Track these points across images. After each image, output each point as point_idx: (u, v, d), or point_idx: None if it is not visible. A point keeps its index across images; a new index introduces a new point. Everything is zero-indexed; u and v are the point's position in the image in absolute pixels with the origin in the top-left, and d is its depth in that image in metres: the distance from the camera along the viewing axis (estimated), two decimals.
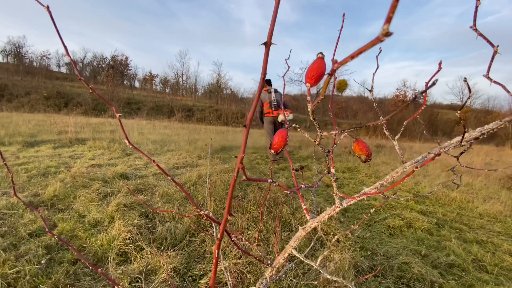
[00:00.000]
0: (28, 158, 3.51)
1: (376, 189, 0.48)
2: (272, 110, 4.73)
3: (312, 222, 0.52)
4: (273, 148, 0.32)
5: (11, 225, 1.83)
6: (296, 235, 0.54)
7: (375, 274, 1.56)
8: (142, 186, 2.72)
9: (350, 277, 1.40)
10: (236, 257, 1.55)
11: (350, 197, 0.48)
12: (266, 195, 1.28)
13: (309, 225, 0.52)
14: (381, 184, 0.49)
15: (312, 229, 0.54)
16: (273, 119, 4.77)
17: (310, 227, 0.52)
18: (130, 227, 1.74)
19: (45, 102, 12.36)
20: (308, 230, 0.52)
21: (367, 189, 0.49)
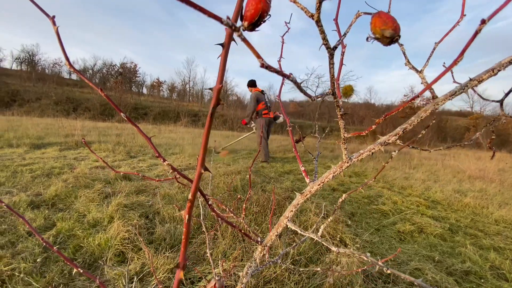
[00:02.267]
0: (33, 160, 3.52)
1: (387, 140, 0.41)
2: (268, 111, 4.79)
3: (312, 186, 0.45)
4: (248, 16, 0.21)
5: (11, 223, 1.81)
6: (293, 203, 0.47)
7: (386, 280, 1.46)
8: (144, 187, 2.68)
9: (358, 282, 1.31)
10: (237, 259, 1.48)
11: (361, 152, 0.41)
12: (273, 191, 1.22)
13: (308, 189, 0.45)
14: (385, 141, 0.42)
15: (309, 195, 0.47)
16: (269, 120, 4.80)
17: (310, 192, 0.45)
18: (129, 227, 1.69)
19: (54, 107, 12.62)
20: (307, 196, 0.45)
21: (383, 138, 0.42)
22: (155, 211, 2.10)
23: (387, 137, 0.38)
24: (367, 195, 3.29)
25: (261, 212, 2.13)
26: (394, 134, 0.38)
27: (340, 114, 0.39)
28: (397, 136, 0.37)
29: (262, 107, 4.76)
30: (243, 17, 0.22)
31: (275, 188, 2.81)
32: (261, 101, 4.75)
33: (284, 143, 8.15)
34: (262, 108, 4.76)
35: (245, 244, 1.65)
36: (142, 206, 2.18)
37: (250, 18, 0.21)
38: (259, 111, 4.79)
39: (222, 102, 0.20)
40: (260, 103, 4.75)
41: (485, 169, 5.78)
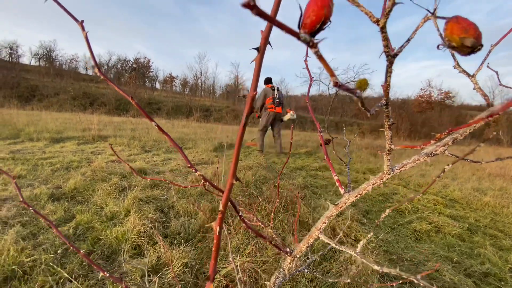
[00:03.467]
0: (53, 153, 3.65)
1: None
2: (275, 106, 5.08)
3: (348, 197, 0.44)
4: (308, 23, 0.18)
5: (33, 215, 1.88)
6: (326, 214, 0.46)
7: (403, 282, 1.43)
8: (159, 181, 2.73)
9: (373, 282, 1.29)
10: (251, 255, 1.48)
11: (404, 163, 0.39)
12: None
13: (344, 200, 0.44)
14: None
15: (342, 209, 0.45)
16: (274, 114, 5.11)
17: (345, 204, 0.44)
18: (144, 221, 1.72)
19: (72, 102, 13.02)
20: (342, 207, 0.44)
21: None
22: (170, 205, 2.14)
23: (434, 147, 0.36)
24: (382, 192, 3.23)
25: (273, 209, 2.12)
26: (443, 145, 0.35)
27: (388, 124, 0.37)
28: (446, 147, 0.35)
29: (270, 102, 5.10)
30: (302, 25, 0.20)
31: (287, 184, 2.80)
32: (269, 96, 5.09)
33: (295, 138, 8.09)
34: (270, 102, 5.10)
35: (258, 240, 1.65)
36: (157, 200, 2.22)
37: (310, 26, 0.19)
38: (266, 105, 5.15)
39: (255, 110, 0.18)
40: (268, 98, 5.10)
41: (506, 166, 5.53)
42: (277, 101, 5.08)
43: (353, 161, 5.15)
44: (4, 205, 1.96)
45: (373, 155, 5.87)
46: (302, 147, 6.27)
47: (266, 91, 5.09)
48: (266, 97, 5.09)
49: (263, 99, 5.11)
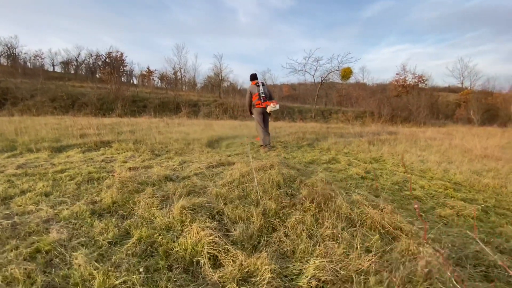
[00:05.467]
0: (64, 164, 3.51)
1: None
2: (261, 102, 5.18)
3: None
4: None
5: (86, 234, 1.87)
6: None
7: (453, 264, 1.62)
8: (191, 187, 2.75)
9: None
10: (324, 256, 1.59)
11: None
12: None
13: None
14: None
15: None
16: (262, 110, 5.24)
17: None
18: (208, 230, 1.77)
19: (51, 104, 12.18)
20: None
21: None
22: (219, 211, 2.19)
23: None
24: (395, 181, 3.46)
25: (316, 209, 2.24)
26: None
27: None
28: None
29: (256, 99, 5.20)
30: None
31: (315, 181, 2.92)
32: (254, 93, 5.20)
33: (291, 130, 8.24)
34: (256, 99, 5.20)
35: (317, 240, 1.77)
36: (203, 207, 2.26)
37: None
38: (253, 102, 5.26)
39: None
40: (254, 95, 5.20)
41: (488, 147, 6.07)
42: (263, 96, 5.17)
43: (356, 151, 5.40)
44: (51, 227, 1.92)
45: (371, 144, 6.17)
46: (303, 140, 6.44)
47: (251, 89, 5.23)
48: (252, 95, 5.22)
49: (250, 97, 5.27)
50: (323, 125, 10.92)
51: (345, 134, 8.01)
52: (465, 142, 6.60)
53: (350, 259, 1.57)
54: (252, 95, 5.22)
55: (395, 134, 8.02)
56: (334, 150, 5.37)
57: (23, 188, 2.63)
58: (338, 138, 7.02)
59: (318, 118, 15.75)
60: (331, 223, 1.97)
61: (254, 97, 5.20)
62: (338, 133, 7.99)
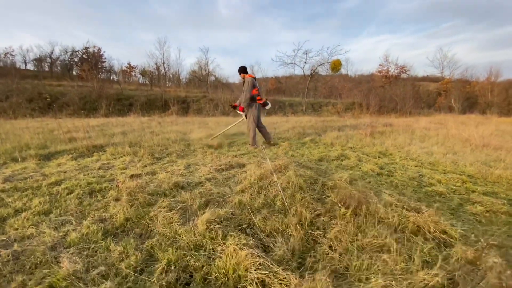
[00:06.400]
0: (57, 175, 3.16)
1: None
2: (261, 97, 4.99)
3: None
4: None
5: (104, 261, 1.62)
6: None
7: None
8: (208, 195, 2.52)
9: None
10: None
11: None
12: None
13: None
14: None
15: None
16: (259, 106, 5.07)
17: None
18: (248, 249, 1.57)
19: (28, 105, 11.20)
20: None
21: None
22: (248, 223, 1.99)
23: None
24: (411, 176, 3.39)
25: (352, 215, 2.09)
26: None
27: None
28: None
29: (257, 93, 4.95)
30: None
31: (337, 182, 2.78)
32: (256, 87, 4.95)
33: (288, 125, 8.09)
34: (257, 93, 4.94)
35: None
36: (229, 219, 2.05)
37: None
38: (253, 96, 4.96)
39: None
40: (255, 89, 4.93)
41: (486, 137, 6.20)
42: (260, 91, 5.04)
43: (359, 145, 5.33)
44: (61, 255, 1.65)
45: (372, 136, 6.14)
46: (304, 135, 6.31)
47: (253, 82, 4.95)
48: (254, 88, 4.95)
49: (251, 91, 4.94)
50: (318, 119, 10.85)
51: (342, 127, 7.96)
52: (461, 132, 6.71)
53: (412, 273, 1.43)
54: (254, 88, 4.94)
55: (391, 126, 8.07)
56: (339, 145, 5.27)
57: (16, 207, 2.31)
58: (337, 132, 6.95)
59: (309, 111, 15.71)
60: (375, 232, 1.82)
61: (254, 91, 4.95)
62: (335, 126, 7.93)
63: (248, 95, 4.89)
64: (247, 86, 4.85)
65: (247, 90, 4.84)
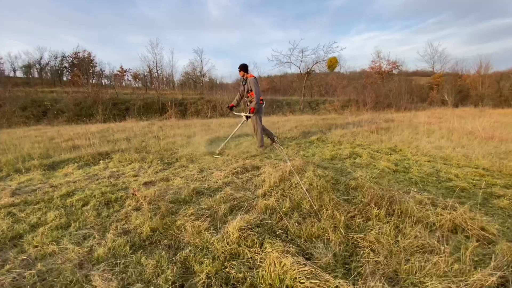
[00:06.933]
0: (67, 185, 3.03)
1: None
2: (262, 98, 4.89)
3: None
4: None
5: (139, 277, 1.53)
6: None
7: None
8: (231, 201, 2.44)
9: None
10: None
11: None
12: None
13: None
14: None
15: None
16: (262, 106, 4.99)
17: None
18: (292, 257, 1.50)
19: (22, 113, 10.84)
20: None
21: None
22: (282, 229, 1.92)
23: None
24: (428, 172, 3.38)
25: (386, 216, 2.05)
26: None
27: None
28: None
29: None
30: None
31: (360, 181, 2.73)
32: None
33: (293, 125, 8.04)
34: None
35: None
36: (260, 225, 1.98)
37: None
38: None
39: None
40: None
41: (488, 129, 6.26)
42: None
43: (367, 142, 5.32)
44: (91, 273, 1.55)
45: (376, 133, 6.13)
46: (310, 134, 6.27)
47: (258, 83, 4.76)
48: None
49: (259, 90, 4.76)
50: (318, 117, 10.85)
51: (344, 124, 7.95)
52: (463, 125, 6.77)
53: (465, 274, 1.39)
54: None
55: (392, 121, 8.10)
56: (346, 143, 5.25)
57: (31, 222, 2.19)
58: (341, 130, 6.93)
59: (307, 110, 15.71)
60: (415, 232, 1.78)
61: None
62: (337, 124, 7.92)
63: (258, 95, 4.67)
64: (255, 86, 4.64)
65: (256, 90, 4.64)
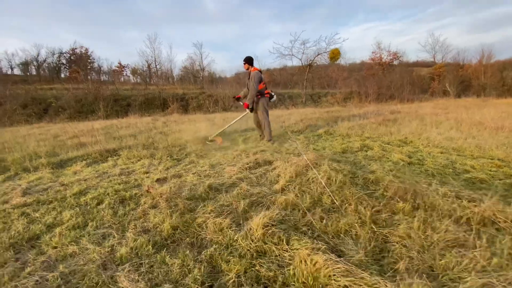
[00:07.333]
0: (78, 184, 2.98)
1: None
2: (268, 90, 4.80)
3: None
4: None
5: (166, 277, 1.49)
6: None
7: None
8: (248, 197, 2.39)
9: None
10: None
11: None
12: None
13: None
14: None
15: None
16: (268, 99, 4.84)
17: None
18: (322, 254, 1.46)
19: (23, 111, 10.73)
20: None
21: None
22: (306, 225, 1.88)
23: None
24: (444, 164, 3.33)
25: (411, 210, 2.00)
26: None
27: None
28: None
29: (264, 86, 4.76)
30: None
31: (379, 175, 2.68)
32: (262, 81, 4.74)
33: (297, 118, 7.97)
34: (264, 87, 4.76)
35: None
36: (283, 221, 1.93)
37: None
38: (261, 90, 4.76)
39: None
40: (261, 83, 4.74)
41: (497, 119, 6.20)
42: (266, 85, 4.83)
43: (376, 134, 5.26)
44: (116, 274, 1.51)
45: (384, 125, 6.07)
46: (316, 127, 6.21)
47: (259, 76, 4.66)
48: (260, 82, 4.70)
49: (258, 86, 4.67)
50: (321, 110, 10.76)
51: (349, 117, 7.88)
52: (471, 115, 6.71)
53: (505, 269, 1.35)
54: (260, 82, 4.69)
55: (398, 113, 8.03)
56: (355, 136, 5.19)
57: (47, 222, 2.14)
58: (348, 122, 6.86)
59: (309, 103, 15.59)
60: (445, 226, 1.73)
61: (261, 85, 4.74)
62: (342, 116, 7.84)
63: (253, 91, 4.62)
64: (253, 81, 4.57)
65: (253, 86, 4.58)
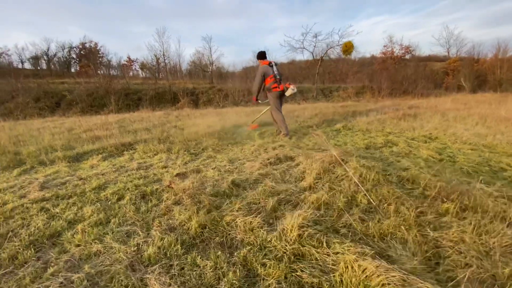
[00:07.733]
0: (96, 178, 2.91)
1: None
2: (278, 84, 4.56)
3: None
4: None
5: (200, 281, 1.39)
6: None
7: None
8: (275, 194, 2.27)
9: None
10: None
11: None
12: None
13: None
14: None
15: None
16: (279, 93, 4.64)
17: None
18: (371, 260, 1.33)
19: (35, 105, 10.85)
20: None
21: None
22: (345, 227, 1.74)
23: None
24: (477, 161, 3.13)
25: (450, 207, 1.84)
26: None
27: None
28: None
29: (271, 81, 4.55)
30: None
31: (414, 172, 2.52)
32: (269, 75, 4.53)
33: (313, 112, 7.78)
34: (271, 82, 4.55)
35: None
36: (318, 222, 1.80)
37: None
38: (268, 86, 4.60)
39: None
40: (268, 77, 4.54)
41: (508, 111, 5.92)
42: (279, 78, 4.58)
43: (398, 129, 5.05)
44: (146, 277, 1.41)
45: (404, 120, 5.84)
46: (333, 122, 6.02)
47: (264, 70, 4.50)
48: (266, 77, 4.55)
49: (261, 81, 4.56)
50: (335, 105, 10.52)
51: (366, 112, 7.65)
52: (494, 111, 6.41)
53: None
54: (265, 77, 4.55)
55: (417, 108, 7.75)
56: (376, 131, 4.99)
57: (68, 218, 2.06)
58: (365, 117, 6.64)
59: (320, 97, 15.29)
60: (501, 229, 1.57)
61: (268, 80, 4.56)
62: (358, 111, 7.61)
63: (255, 87, 4.58)
64: (256, 75, 4.54)
65: (256, 81, 4.55)
